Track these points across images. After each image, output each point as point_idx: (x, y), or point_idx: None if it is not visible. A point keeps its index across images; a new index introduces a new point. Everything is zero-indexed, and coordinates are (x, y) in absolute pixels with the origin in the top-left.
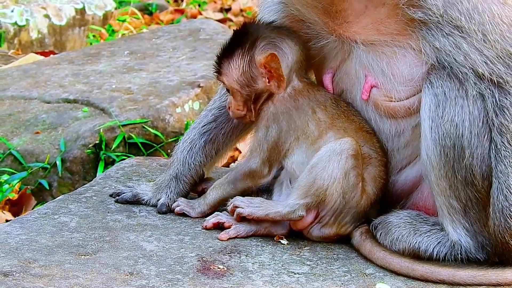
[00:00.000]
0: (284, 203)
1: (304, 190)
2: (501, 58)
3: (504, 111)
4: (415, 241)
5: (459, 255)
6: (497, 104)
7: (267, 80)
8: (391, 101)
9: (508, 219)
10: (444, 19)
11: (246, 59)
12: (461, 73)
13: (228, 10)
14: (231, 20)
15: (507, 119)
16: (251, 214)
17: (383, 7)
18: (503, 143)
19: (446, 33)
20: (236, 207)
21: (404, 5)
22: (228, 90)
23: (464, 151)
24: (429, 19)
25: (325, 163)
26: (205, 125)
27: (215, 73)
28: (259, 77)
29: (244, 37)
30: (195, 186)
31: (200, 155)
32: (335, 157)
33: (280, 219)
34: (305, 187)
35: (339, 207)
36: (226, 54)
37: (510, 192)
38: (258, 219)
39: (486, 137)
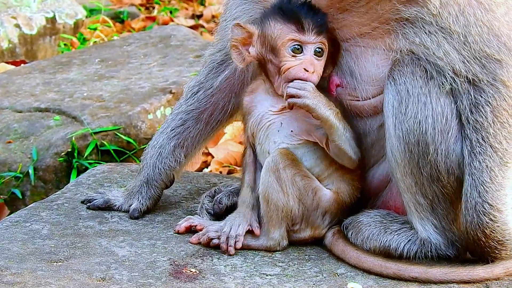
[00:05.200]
0: (266, 236)
1: (273, 219)
2: (477, 59)
3: (479, 109)
4: (385, 239)
5: (430, 252)
6: (473, 101)
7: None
8: (358, 100)
9: (480, 215)
10: (436, 17)
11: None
12: (437, 66)
13: (200, 16)
14: (203, 26)
15: (482, 116)
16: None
17: (376, 10)
18: (478, 140)
19: (430, 31)
20: (211, 239)
21: (401, 1)
22: (319, 52)
23: (428, 147)
24: (420, 17)
25: (270, 185)
26: (173, 129)
27: (318, 31)
28: None
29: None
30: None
31: (169, 160)
32: (274, 175)
33: (264, 250)
34: (272, 216)
35: (304, 212)
36: (323, 18)
37: (484, 189)
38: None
39: (450, 133)
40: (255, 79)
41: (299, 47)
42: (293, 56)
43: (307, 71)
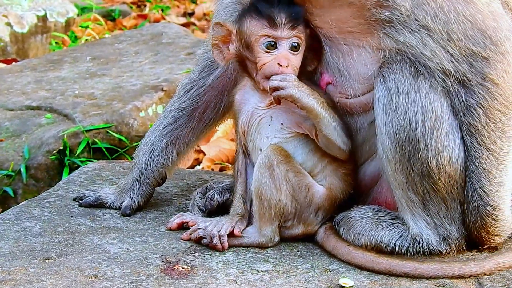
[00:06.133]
0: (257, 233)
1: (265, 215)
2: (464, 57)
3: (471, 111)
4: (377, 235)
5: (421, 248)
6: (465, 103)
7: (306, 52)
8: (347, 98)
9: (484, 217)
10: (411, 18)
11: (305, 24)
12: (427, 66)
13: (191, 14)
14: (194, 24)
15: (475, 119)
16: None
17: (349, 6)
18: (473, 144)
19: (412, 30)
20: (201, 237)
21: (371, 5)
22: (295, 47)
23: (419, 144)
24: (396, 18)
25: (263, 182)
26: (165, 126)
27: (292, 25)
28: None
29: (295, 4)
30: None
31: (162, 157)
32: (267, 171)
33: (256, 247)
34: (264, 213)
35: (296, 208)
36: (297, 12)
37: (484, 191)
38: (230, 246)
39: (440, 129)
40: (244, 76)
41: (273, 42)
42: (266, 52)
43: (281, 65)
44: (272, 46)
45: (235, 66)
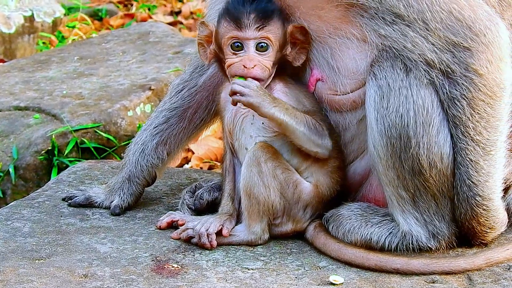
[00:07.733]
0: (247, 231)
1: (254, 213)
2: (446, 46)
3: (455, 103)
4: (366, 232)
5: (411, 244)
6: (449, 95)
7: (290, 49)
8: (336, 94)
9: (474, 208)
10: (382, 5)
11: (282, 23)
12: (411, 59)
13: (178, 13)
14: (181, 23)
15: (459, 111)
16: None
17: None
18: (458, 135)
19: (389, 22)
20: (190, 236)
21: None
22: (262, 47)
23: (410, 141)
24: (367, 4)
25: (251, 179)
26: (156, 126)
27: (259, 26)
28: (286, 43)
29: (271, 3)
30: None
31: (152, 157)
32: (255, 168)
33: (245, 245)
34: (253, 210)
35: (285, 206)
36: (267, 12)
37: (473, 182)
38: (220, 244)
39: (431, 125)
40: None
41: (239, 44)
42: (233, 53)
43: (246, 67)
44: (238, 47)
45: (216, 65)
